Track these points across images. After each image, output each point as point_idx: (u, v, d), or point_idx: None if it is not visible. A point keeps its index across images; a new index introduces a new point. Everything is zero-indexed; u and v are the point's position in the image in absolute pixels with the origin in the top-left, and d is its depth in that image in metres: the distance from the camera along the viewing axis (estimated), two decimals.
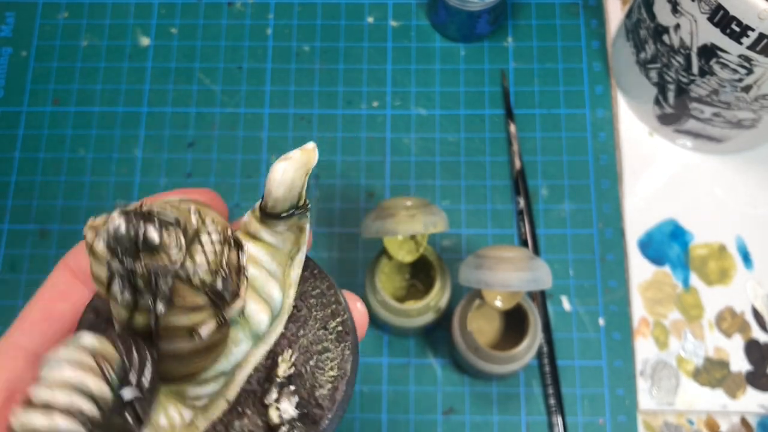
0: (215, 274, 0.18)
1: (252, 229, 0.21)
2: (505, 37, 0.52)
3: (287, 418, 0.21)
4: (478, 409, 0.44)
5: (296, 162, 0.19)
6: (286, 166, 0.19)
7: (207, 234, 0.18)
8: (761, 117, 0.43)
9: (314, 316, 0.23)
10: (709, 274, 0.46)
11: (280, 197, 0.20)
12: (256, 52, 0.52)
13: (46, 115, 0.50)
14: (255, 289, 0.20)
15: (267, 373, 0.21)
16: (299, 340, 0.22)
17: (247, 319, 0.20)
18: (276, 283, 0.21)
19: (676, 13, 0.40)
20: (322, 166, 0.49)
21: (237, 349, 0.20)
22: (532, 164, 0.48)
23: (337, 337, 0.22)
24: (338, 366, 0.22)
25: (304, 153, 0.19)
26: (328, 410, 0.21)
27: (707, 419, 0.44)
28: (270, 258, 0.21)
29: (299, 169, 0.20)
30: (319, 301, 0.23)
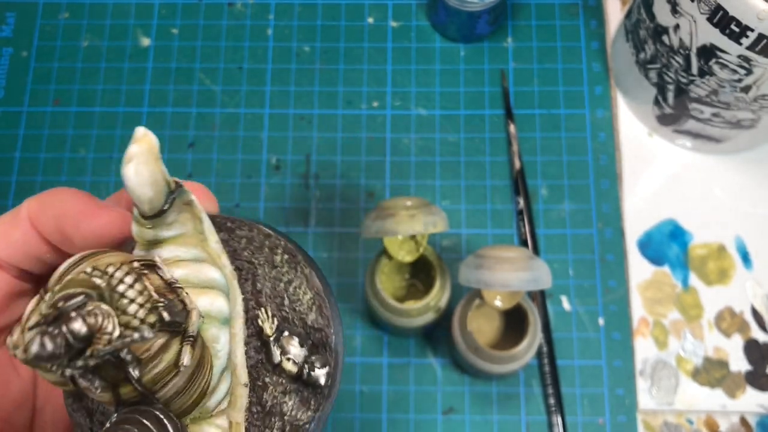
0: (154, 309, 0.17)
1: (149, 237, 0.20)
2: (505, 38, 0.52)
3: (301, 359, 0.21)
4: (478, 409, 0.44)
5: (141, 155, 0.18)
6: (136, 168, 0.18)
7: (119, 282, 0.17)
8: (760, 117, 0.43)
9: (258, 263, 0.22)
10: (709, 274, 0.46)
11: (151, 196, 0.19)
12: (257, 53, 0.52)
13: (46, 115, 0.50)
14: (195, 285, 0.20)
15: (258, 339, 0.22)
16: (262, 292, 0.22)
17: (208, 314, 0.20)
18: (207, 264, 0.21)
19: (676, 13, 0.40)
20: (322, 166, 0.49)
21: (220, 345, 0.20)
22: (532, 164, 0.48)
23: (289, 266, 0.22)
24: (308, 287, 0.22)
25: (142, 143, 0.18)
26: (327, 327, 0.22)
27: (707, 419, 0.44)
28: (184, 248, 0.20)
29: (148, 160, 0.18)
30: (252, 247, 0.22)
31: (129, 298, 0.17)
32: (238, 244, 0.22)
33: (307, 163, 0.49)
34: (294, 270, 0.22)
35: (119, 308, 0.17)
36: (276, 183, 0.48)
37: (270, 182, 0.48)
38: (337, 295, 0.46)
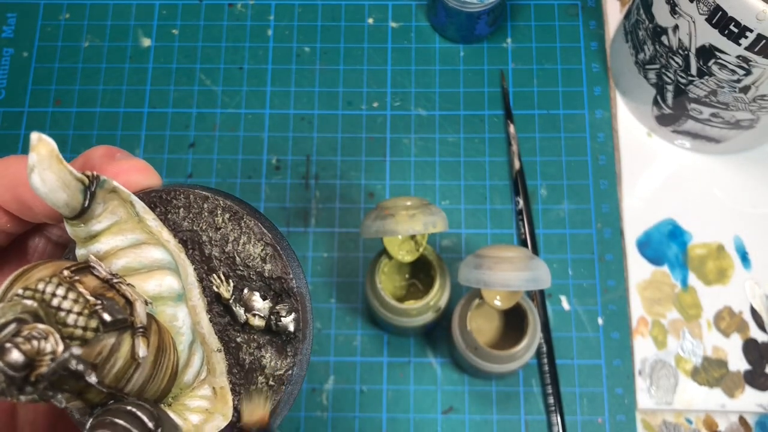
0: (93, 314, 0.17)
1: (83, 235, 0.20)
2: (505, 38, 0.52)
3: (266, 312, 0.21)
4: (477, 408, 0.44)
5: (42, 162, 0.18)
6: (40, 175, 0.18)
7: (52, 296, 0.17)
8: (759, 117, 0.43)
9: (201, 228, 0.22)
10: (708, 274, 0.46)
11: (67, 199, 0.18)
12: (257, 53, 0.52)
13: (47, 115, 0.50)
14: (138, 270, 0.20)
15: (219, 304, 0.22)
16: (211, 257, 0.22)
17: (159, 296, 0.20)
18: (148, 246, 0.20)
19: (675, 14, 0.40)
20: (323, 166, 0.49)
21: (179, 321, 0.20)
22: (531, 164, 0.49)
23: (233, 224, 0.22)
24: (257, 239, 0.22)
25: (39, 149, 0.18)
26: (286, 275, 0.22)
27: (706, 418, 0.44)
28: (121, 235, 0.20)
29: (51, 165, 0.18)
30: (191, 215, 0.22)
31: (65, 309, 0.17)
32: (177, 215, 0.22)
33: (307, 164, 0.49)
34: (238, 226, 0.22)
35: (59, 322, 0.16)
36: (276, 183, 0.49)
37: (270, 182, 0.49)
38: (337, 295, 0.46)
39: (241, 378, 0.22)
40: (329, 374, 0.45)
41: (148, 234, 0.21)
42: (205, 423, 0.20)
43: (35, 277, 0.17)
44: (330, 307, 0.46)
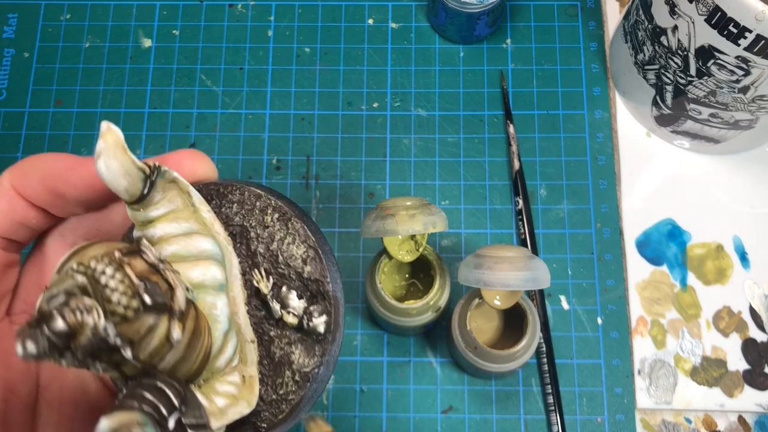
0: (136, 295, 0.18)
1: (141, 218, 0.21)
2: (504, 39, 0.52)
3: (301, 311, 0.22)
4: (477, 408, 0.44)
5: (108, 149, 0.19)
6: (105, 162, 0.19)
7: (102, 274, 0.18)
8: (758, 118, 0.43)
9: (251, 224, 0.23)
10: (707, 274, 0.46)
11: (127, 186, 0.20)
12: (258, 54, 0.52)
13: (48, 115, 0.50)
14: (186, 258, 0.21)
15: (258, 298, 0.23)
16: (256, 253, 0.23)
17: (201, 284, 0.21)
18: (199, 235, 0.21)
19: (674, 14, 0.40)
20: (323, 167, 0.49)
21: (218, 310, 0.21)
22: (531, 165, 0.49)
23: (281, 224, 0.23)
24: (301, 241, 0.23)
25: (107, 137, 0.19)
26: (324, 278, 0.23)
27: (705, 418, 0.44)
28: (176, 223, 0.21)
29: (116, 153, 0.19)
30: (243, 210, 0.23)
31: (111, 287, 0.18)
32: (230, 209, 0.23)
33: (307, 164, 0.49)
34: (285, 227, 0.23)
35: (104, 298, 0.18)
36: (277, 183, 0.49)
37: (271, 182, 0.49)
38: None
39: (270, 370, 0.22)
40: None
41: (201, 224, 0.22)
42: (230, 407, 0.21)
43: (89, 254, 0.18)
44: None
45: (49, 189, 0.22)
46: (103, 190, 0.22)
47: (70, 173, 0.22)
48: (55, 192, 0.22)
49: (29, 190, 0.22)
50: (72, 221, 0.25)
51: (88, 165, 0.22)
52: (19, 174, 0.22)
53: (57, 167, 0.22)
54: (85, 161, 0.22)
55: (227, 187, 0.24)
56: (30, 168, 0.22)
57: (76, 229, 0.25)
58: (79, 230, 0.25)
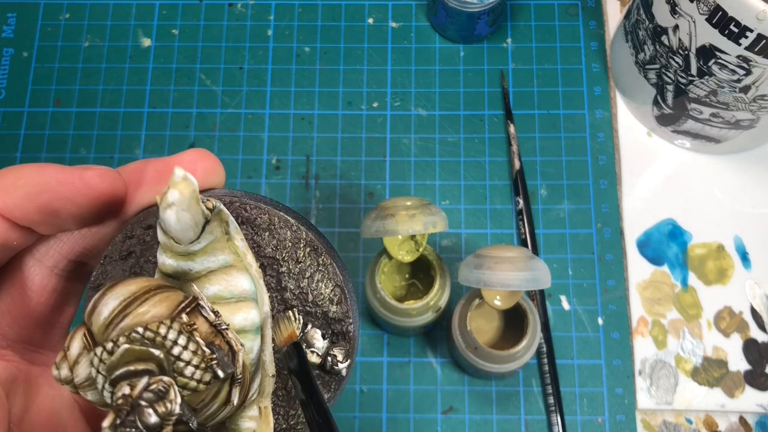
0: (209, 369, 0.18)
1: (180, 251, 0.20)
2: (505, 38, 0.52)
3: (323, 351, 0.22)
4: (477, 408, 0.44)
5: (181, 203, 0.18)
6: (178, 215, 0.18)
7: (174, 345, 0.17)
8: (759, 117, 0.43)
9: (282, 258, 0.22)
10: (708, 274, 0.46)
11: (191, 236, 0.19)
12: (257, 53, 0.52)
13: (48, 115, 0.50)
14: (228, 300, 0.20)
15: None
16: (287, 288, 0.22)
17: (243, 329, 0.20)
18: (237, 271, 0.21)
19: (675, 14, 0.40)
20: (323, 166, 0.49)
21: (253, 354, 0.21)
22: (531, 164, 0.49)
23: (311, 259, 0.23)
24: (329, 279, 0.23)
25: (183, 188, 0.18)
26: (347, 318, 0.23)
27: (706, 418, 0.44)
28: (214, 255, 0.20)
29: (189, 206, 0.18)
30: (275, 241, 0.22)
31: (185, 360, 0.17)
32: (261, 238, 0.22)
33: (307, 164, 0.49)
34: (316, 263, 0.23)
35: (176, 371, 0.17)
36: (276, 183, 0.49)
37: (270, 182, 0.49)
38: None
39: (284, 401, 0.22)
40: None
41: (235, 255, 0.21)
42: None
43: (151, 312, 0.18)
44: None
45: (40, 207, 0.20)
46: (106, 204, 0.20)
47: (65, 188, 0.20)
48: (47, 210, 0.20)
49: (15, 210, 0.20)
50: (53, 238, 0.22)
51: (85, 176, 0.20)
52: (3, 191, 0.20)
53: (47, 182, 0.20)
54: (78, 172, 0.20)
55: (253, 208, 0.22)
56: (13, 184, 0.20)
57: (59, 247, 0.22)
58: (63, 249, 0.22)
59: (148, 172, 0.22)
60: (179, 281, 0.20)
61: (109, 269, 0.22)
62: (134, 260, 0.22)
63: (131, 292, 0.18)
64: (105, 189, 0.20)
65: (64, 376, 0.18)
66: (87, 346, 0.17)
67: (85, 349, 0.17)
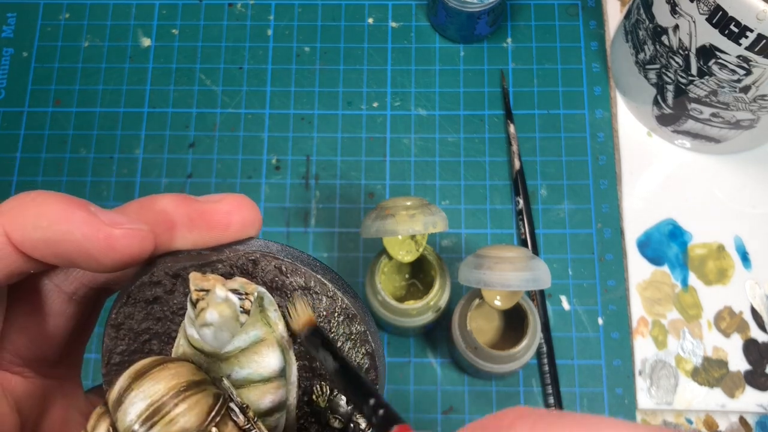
0: None
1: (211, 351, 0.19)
2: (505, 38, 0.52)
3: (347, 418, 0.21)
4: (477, 408, 0.44)
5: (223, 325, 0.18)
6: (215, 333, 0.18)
7: None
8: (759, 117, 0.43)
9: None
10: (708, 274, 0.46)
11: (230, 349, 0.19)
12: (257, 53, 0.52)
13: (47, 115, 0.50)
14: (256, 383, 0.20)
15: (309, 405, 0.22)
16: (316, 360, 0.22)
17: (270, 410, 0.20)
18: (266, 348, 0.20)
19: (675, 13, 0.40)
20: (323, 167, 0.49)
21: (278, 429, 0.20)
22: (531, 164, 0.49)
23: (344, 327, 0.22)
24: (359, 345, 0.22)
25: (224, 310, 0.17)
26: (374, 384, 0.22)
27: (706, 418, 0.44)
28: (245, 334, 0.19)
29: (228, 322, 0.18)
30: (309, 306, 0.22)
31: None
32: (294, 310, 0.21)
33: (307, 164, 0.49)
34: (348, 330, 0.21)
35: None
36: (276, 183, 0.49)
37: (270, 182, 0.49)
38: None
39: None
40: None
41: (266, 327, 0.20)
42: None
43: (179, 425, 0.17)
44: None
45: (57, 254, 0.18)
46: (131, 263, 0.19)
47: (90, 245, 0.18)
48: (65, 258, 0.19)
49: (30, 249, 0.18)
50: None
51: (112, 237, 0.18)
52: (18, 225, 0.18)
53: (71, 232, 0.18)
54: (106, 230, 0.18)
55: (290, 269, 0.21)
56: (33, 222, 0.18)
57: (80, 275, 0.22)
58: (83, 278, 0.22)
59: (178, 216, 0.20)
60: (207, 357, 0.19)
61: (131, 311, 0.21)
62: (159, 307, 0.21)
63: (160, 394, 0.17)
64: (132, 252, 0.19)
65: None
66: None
67: None
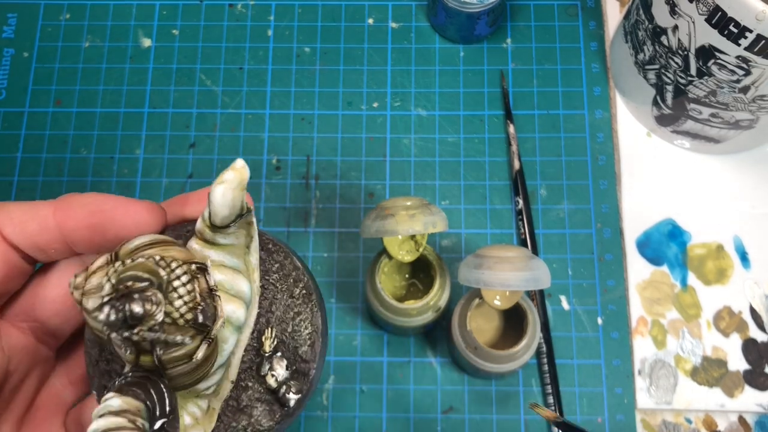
0: (194, 309, 0.20)
1: (208, 237, 0.23)
2: (504, 39, 0.52)
3: (282, 379, 0.25)
4: (477, 408, 0.44)
5: (232, 182, 0.22)
6: (224, 189, 0.21)
7: (177, 279, 0.20)
8: (759, 118, 0.43)
9: (280, 288, 0.26)
10: (707, 274, 0.46)
11: (226, 215, 0.22)
12: (257, 53, 0.52)
13: (48, 115, 0.50)
14: (226, 291, 0.23)
15: (256, 349, 0.25)
16: (274, 314, 0.26)
17: (228, 319, 0.23)
18: (242, 276, 0.24)
19: (675, 14, 0.40)
20: (323, 167, 0.49)
21: (227, 345, 0.23)
22: (531, 164, 0.49)
23: (303, 300, 0.26)
24: (311, 323, 0.26)
25: (237, 172, 0.22)
26: (312, 362, 0.25)
27: (705, 418, 0.44)
28: (230, 256, 0.24)
29: (236, 188, 0.22)
30: (281, 273, 0.26)
31: (179, 294, 0.20)
32: (271, 266, 0.26)
33: (307, 164, 0.49)
34: (305, 306, 0.26)
35: (168, 299, 0.20)
36: (277, 183, 0.49)
37: (271, 182, 0.49)
38: (337, 295, 0.46)
39: (231, 412, 0.25)
40: (329, 374, 0.45)
41: (245, 266, 0.24)
42: (191, 428, 0.23)
43: (172, 253, 0.21)
44: (330, 307, 0.46)
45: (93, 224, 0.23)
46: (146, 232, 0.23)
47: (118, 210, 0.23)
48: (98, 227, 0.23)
49: (73, 219, 0.23)
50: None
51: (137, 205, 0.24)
52: (66, 204, 0.23)
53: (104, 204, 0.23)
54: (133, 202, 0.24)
55: (277, 245, 0.26)
56: (78, 200, 0.24)
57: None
58: None
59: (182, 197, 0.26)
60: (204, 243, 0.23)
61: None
62: None
63: (161, 239, 0.21)
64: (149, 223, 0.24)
65: (78, 282, 0.20)
66: (109, 261, 0.20)
67: (106, 264, 0.20)
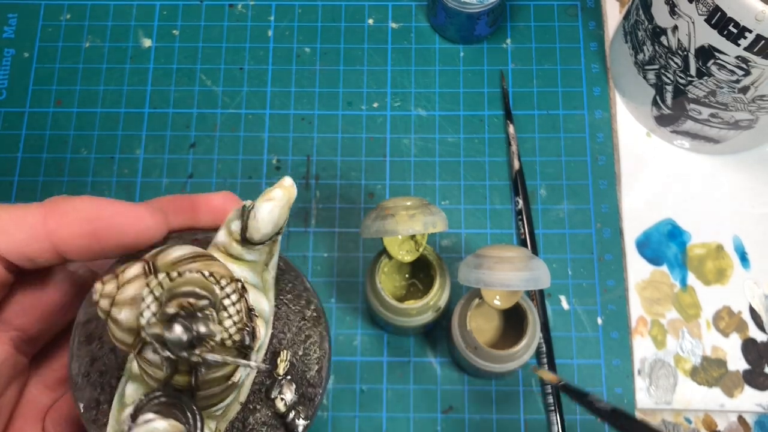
0: (242, 330, 0.20)
1: (235, 252, 0.23)
2: (504, 39, 0.52)
3: (290, 404, 0.24)
4: (477, 408, 0.44)
5: (281, 200, 0.21)
6: (272, 206, 0.21)
7: (227, 297, 0.19)
8: (758, 118, 0.43)
9: (293, 309, 0.25)
10: (707, 274, 0.46)
11: (268, 232, 0.22)
12: (257, 54, 0.52)
13: (48, 115, 0.50)
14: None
15: (267, 371, 0.24)
16: (286, 335, 0.25)
17: None
18: (262, 295, 0.23)
19: (674, 14, 0.40)
20: (323, 167, 0.49)
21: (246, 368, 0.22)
22: (531, 165, 0.49)
23: (314, 323, 0.25)
24: (319, 347, 0.25)
25: (286, 191, 0.21)
26: (318, 386, 0.25)
27: (705, 418, 0.44)
28: (252, 273, 0.23)
29: (284, 206, 0.21)
30: (294, 294, 0.25)
31: (229, 313, 0.19)
32: (285, 286, 0.25)
33: (307, 164, 0.49)
34: (315, 328, 0.25)
35: (220, 319, 0.19)
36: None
37: (271, 182, 0.49)
38: (337, 295, 0.46)
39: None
40: (329, 374, 0.45)
41: (263, 284, 0.24)
42: None
43: (218, 269, 0.20)
44: (330, 307, 0.46)
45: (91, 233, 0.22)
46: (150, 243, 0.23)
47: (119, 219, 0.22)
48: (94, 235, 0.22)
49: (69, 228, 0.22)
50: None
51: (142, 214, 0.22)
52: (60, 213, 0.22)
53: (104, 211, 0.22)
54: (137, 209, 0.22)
55: (287, 264, 0.26)
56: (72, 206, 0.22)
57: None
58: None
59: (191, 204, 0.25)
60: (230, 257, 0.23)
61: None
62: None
63: (201, 252, 0.20)
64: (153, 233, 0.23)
65: (108, 291, 0.19)
66: (146, 272, 0.19)
67: (142, 274, 0.19)
